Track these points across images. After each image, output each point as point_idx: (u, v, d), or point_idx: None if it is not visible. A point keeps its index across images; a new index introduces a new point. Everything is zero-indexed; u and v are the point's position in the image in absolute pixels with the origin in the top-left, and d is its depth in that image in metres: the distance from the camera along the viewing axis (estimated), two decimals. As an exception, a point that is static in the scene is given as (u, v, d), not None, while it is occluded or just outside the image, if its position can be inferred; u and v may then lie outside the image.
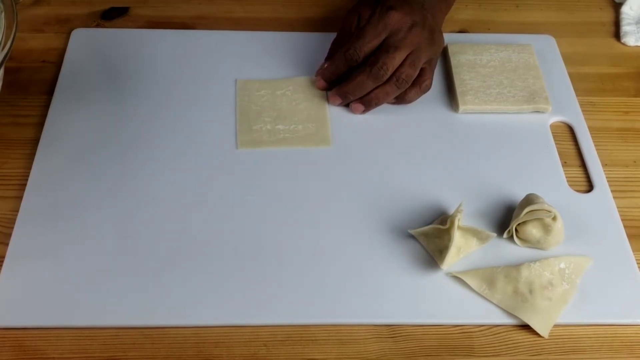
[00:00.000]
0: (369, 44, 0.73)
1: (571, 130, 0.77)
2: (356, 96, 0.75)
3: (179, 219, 0.66)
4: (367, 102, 0.75)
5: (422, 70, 0.75)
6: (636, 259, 0.66)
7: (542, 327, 0.61)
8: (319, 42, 0.82)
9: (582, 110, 0.78)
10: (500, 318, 0.61)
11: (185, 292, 0.61)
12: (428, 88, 0.76)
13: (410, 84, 0.74)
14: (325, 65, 0.77)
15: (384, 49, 0.73)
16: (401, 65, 0.73)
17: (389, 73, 0.72)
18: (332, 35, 0.80)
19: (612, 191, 0.71)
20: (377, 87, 0.74)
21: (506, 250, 0.66)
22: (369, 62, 0.73)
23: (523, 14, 0.90)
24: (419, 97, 0.76)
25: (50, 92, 0.76)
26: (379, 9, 0.73)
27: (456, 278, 0.63)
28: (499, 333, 0.61)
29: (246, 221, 0.66)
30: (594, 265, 0.65)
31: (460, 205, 0.65)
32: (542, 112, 0.77)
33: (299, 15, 0.87)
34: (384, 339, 0.60)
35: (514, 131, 0.76)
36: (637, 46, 0.87)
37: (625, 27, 0.88)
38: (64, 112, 0.74)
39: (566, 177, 0.72)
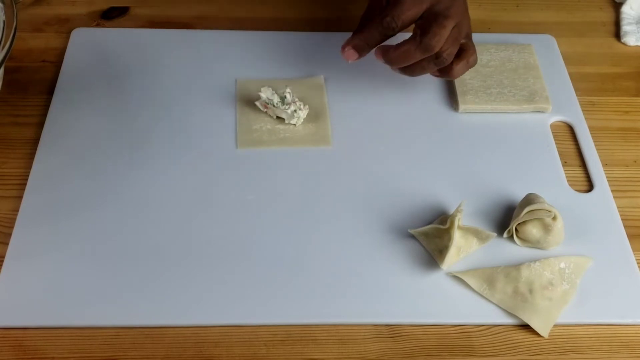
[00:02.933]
0: (408, 11, 0.68)
1: (571, 130, 0.77)
2: (399, 65, 0.70)
3: (178, 219, 0.66)
4: (406, 71, 0.71)
5: (465, 45, 0.71)
6: (636, 259, 0.66)
7: (542, 327, 0.60)
8: (320, 42, 0.82)
9: (583, 110, 0.78)
10: (500, 318, 0.61)
11: (185, 292, 0.61)
12: (475, 62, 0.72)
13: (449, 62, 0.69)
14: (357, 35, 0.70)
15: (432, 17, 0.67)
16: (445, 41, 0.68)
17: (441, 45, 0.67)
18: (333, 35, 0.80)
19: (612, 191, 0.71)
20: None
21: (506, 250, 0.66)
22: (420, 31, 0.67)
23: (523, 13, 0.90)
24: (465, 71, 0.72)
25: (50, 91, 0.76)
26: None
27: (456, 278, 0.63)
28: (499, 333, 0.61)
29: (246, 221, 0.66)
30: (594, 265, 0.64)
31: (460, 205, 0.65)
32: (543, 112, 0.77)
33: (300, 15, 0.87)
34: (383, 338, 0.60)
35: (514, 131, 0.76)
36: (637, 46, 0.87)
37: (626, 27, 0.88)
38: (64, 112, 0.74)
39: (566, 176, 0.72)
